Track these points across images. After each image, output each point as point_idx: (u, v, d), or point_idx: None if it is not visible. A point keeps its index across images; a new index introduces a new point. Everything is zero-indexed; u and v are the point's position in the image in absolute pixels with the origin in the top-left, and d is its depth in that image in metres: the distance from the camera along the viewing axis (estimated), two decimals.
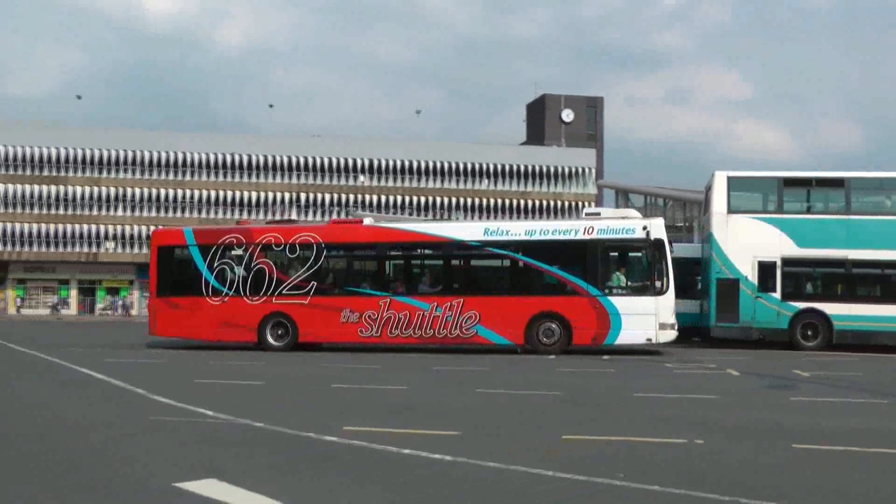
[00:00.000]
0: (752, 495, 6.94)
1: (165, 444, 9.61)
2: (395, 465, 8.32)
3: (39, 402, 13.65)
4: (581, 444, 9.67)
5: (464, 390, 15.80)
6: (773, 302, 27.13)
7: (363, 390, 15.57)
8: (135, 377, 16.61)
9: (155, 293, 27.37)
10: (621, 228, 24.57)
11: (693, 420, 11.56)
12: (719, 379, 18.10)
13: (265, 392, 15.44)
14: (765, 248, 27.14)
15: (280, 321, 25.81)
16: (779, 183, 28.01)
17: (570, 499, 6.98)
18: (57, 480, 7.66)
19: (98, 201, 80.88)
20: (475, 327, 24.69)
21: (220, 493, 7.04)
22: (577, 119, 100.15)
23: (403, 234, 26.97)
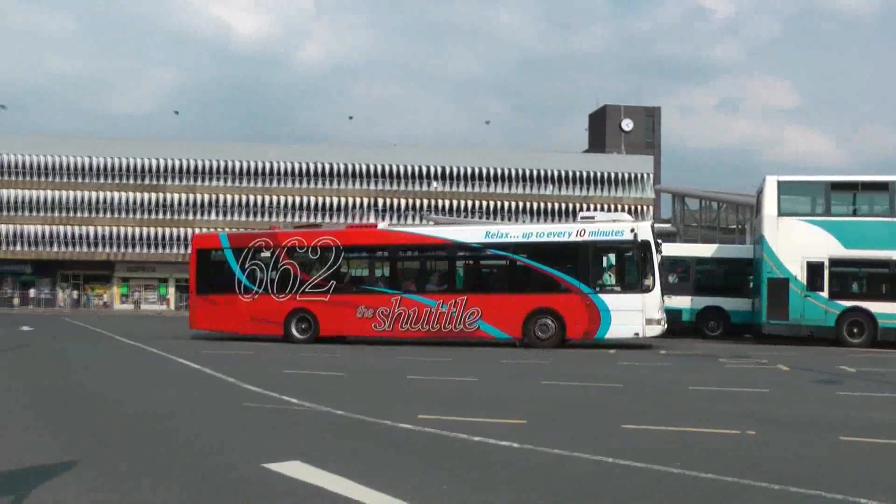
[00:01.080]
0: (801, 485, 6.84)
1: (255, 428, 9.71)
2: (465, 451, 8.33)
3: (143, 389, 13.88)
4: (639, 433, 9.61)
5: (530, 382, 15.78)
6: (821, 301, 26.71)
7: (436, 381, 15.59)
8: (227, 368, 16.83)
9: (194, 291, 28.34)
10: (611, 231, 24.80)
11: (745, 412, 11.42)
12: (770, 374, 17.86)
13: (346, 382, 15.53)
14: (813, 249, 26.74)
15: (303, 316, 26.51)
16: (827, 187, 27.59)
17: (630, 485, 6.94)
18: (157, 459, 7.79)
19: (193, 207, 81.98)
20: (477, 322, 25.08)
21: (304, 474, 7.11)
22: (636, 128, 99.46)
23: (412, 237, 27.73)
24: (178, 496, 6.46)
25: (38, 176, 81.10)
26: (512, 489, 6.70)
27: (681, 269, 31.04)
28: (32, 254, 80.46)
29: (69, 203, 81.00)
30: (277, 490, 6.64)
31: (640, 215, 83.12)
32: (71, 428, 9.80)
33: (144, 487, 6.72)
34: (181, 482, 6.88)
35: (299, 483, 6.84)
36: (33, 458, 7.92)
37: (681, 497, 6.58)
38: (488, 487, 6.76)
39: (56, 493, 6.56)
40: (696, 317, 30.49)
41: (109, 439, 8.98)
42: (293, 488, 6.69)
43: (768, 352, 23.56)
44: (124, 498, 6.43)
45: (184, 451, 8.26)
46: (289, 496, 6.47)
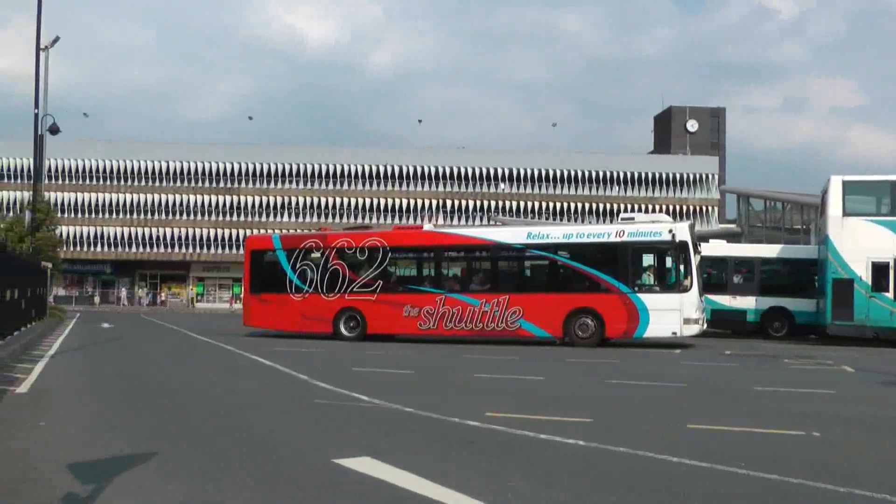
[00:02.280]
0: (866, 487, 6.72)
1: (325, 424, 9.78)
2: (532, 448, 8.32)
3: (218, 385, 14.04)
4: (704, 433, 9.51)
5: (596, 380, 15.72)
6: (887, 301, 26.26)
7: (504, 380, 15.57)
8: (299, 364, 17.01)
9: (248, 290, 29.22)
10: (649, 232, 24.83)
11: (810, 413, 11.24)
12: (835, 375, 17.58)
13: (415, 380, 15.60)
14: (878, 249, 26.32)
15: (352, 315, 26.97)
16: (892, 186, 27.13)
17: (694, 484, 6.88)
18: (231, 452, 7.88)
19: (267, 209, 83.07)
20: (519, 321, 25.24)
21: (374, 469, 7.14)
22: (700, 129, 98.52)
23: (456, 238, 28.17)
24: (251, 488, 6.54)
25: (117, 180, 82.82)
26: (578, 486, 6.68)
27: (745, 270, 30.74)
28: (112, 254, 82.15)
29: (147, 206, 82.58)
30: (347, 484, 6.69)
31: (705, 216, 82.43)
32: (149, 421, 9.96)
33: (218, 479, 6.81)
34: (254, 475, 6.95)
35: (368, 478, 6.88)
36: (114, 449, 8.07)
37: (745, 497, 6.51)
38: (555, 484, 6.74)
39: (135, 483, 6.68)
40: (761, 317, 30.18)
41: (186, 432, 9.11)
42: (362, 483, 6.73)
43: (833, 353, 23.20)
44: (200, 489, 6.52)
45: (257, 445, 8.36)
46: (358, 491, 6.51)
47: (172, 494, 6.38)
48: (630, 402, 12.41)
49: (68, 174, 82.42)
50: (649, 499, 6.39)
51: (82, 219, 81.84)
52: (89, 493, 6.30)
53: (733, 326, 30.73)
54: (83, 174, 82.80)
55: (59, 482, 6.66)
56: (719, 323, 29.70)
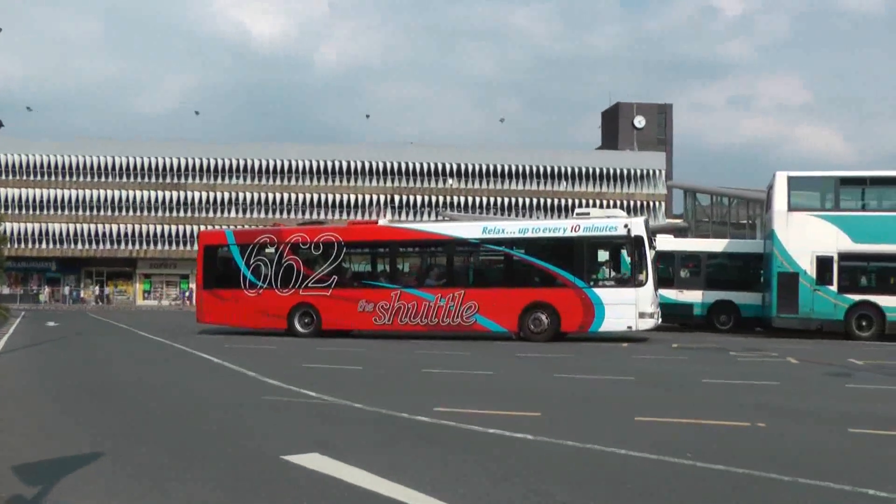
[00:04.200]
0: (811, 476, 6.83)
1: (274, 421, 9.75)
2: (482, 443, 8.34)
3: (165, 383, 13.93)
4: (652, 425, 9.60)
5: (544, 375, 15.78)
6: (830, 294, 26.67)
7: (453, 375, 15.61)
8: (247, 362, 16.92)
9: (202, 286, 28.66)
10: (605, 226, 24.82)
11: (756, 405, 11.39)
12: (780, 367, 17.81)
13: (363, 376, 15.57)
14: (823, 243, 26.70)
15: (306, 311, 26.74)
16: (836, 182, 27.50)
17: (642, 476, 6.95)
18: (179, 451, 7.83)
19: (214, 205, 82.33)
20: (474, 316, 25.09)
21: (323, 465, 7.13)
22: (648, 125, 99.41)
23: (412, 233, 28.13)
24: (200, 486, 6.50)
25: (62, 176, 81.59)
26: (528, 481, 6.71)
27: (692, 264, 31.02)
28: (58, 251, 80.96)
29: (93, 202, 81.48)
30: (297, 481, 6.67)
31: (652, 211, 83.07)
32: (97, 420, 9.86)
33: (167, 479, 6.76)
34: (203, 473, 6.91)
35: (318, 474, 6.86)
36: (61, 449, 7.98)
37: (692, 488, 6.59)
38: (505, 479, 6.77)
39: (82, 484, 6.61)
40: (708, 311, 30.48)
41: (134, 432, 9.03)
42: (312, 480, 6.72)
43: (778, 345, 23.50)
44: (148, 489, 6.47)
45: (205, 444, 8.30)
46: (308, 487, 6.49)
47: (121, 495, 6.33)
48: (578, 396, 12.49)
49: (12, 170, 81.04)
50: (599, 492, 6.44)
51: (26, 215, 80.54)
52: (35, 495, 6.22)
53: (681, 320, 30.99)
54: (27, 169, 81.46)
55: (3, 484, 6.56)
56: (667, 317, 29.88)
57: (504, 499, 6.21)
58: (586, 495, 6.31)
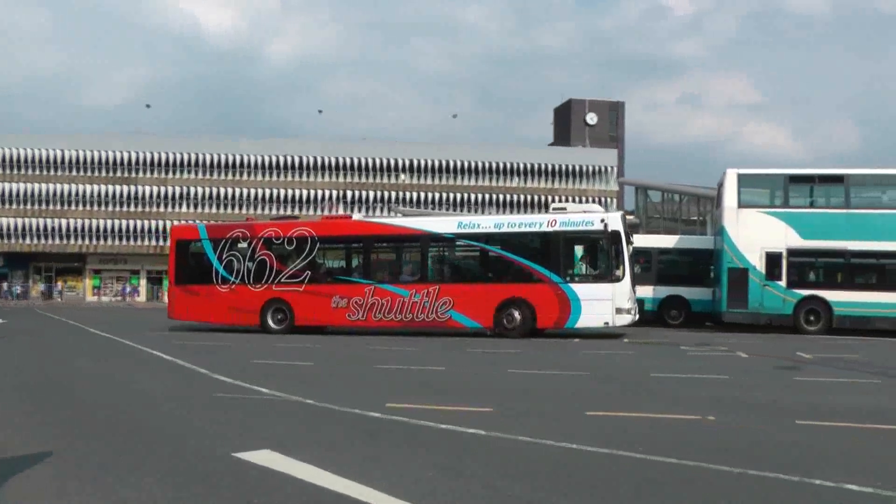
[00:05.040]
0: (759, 467, 6.91)
1: (225, 418, 9.67)
2: (434, 438, 8.34)
3: (115, 381, 13.79)
4: (603, 419, 9.65)
5: (496, 370, 15.80)
6: (779, 289, 27.01)
7: (405, 370, 15.58)
8: (199, 359, 16.76)
9: (173, 281, 28.18)
10: (581, 221, 24.52)
11: (706, 398, 11.51)
12: (730, 360, 17.98)
13: (315, 372, 15.50)
14: (772, 239, 27.05)
15: (279, 307, 26.38)
16: (785, 179, 27.92)
17: (594, 470, 6.98)
18: (128, 450, 7.73)
19: (165, 199, 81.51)
20: (449, 312, 24.85)
21: (275, 462, 7.08)
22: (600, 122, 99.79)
23: (385, 228, 27.80)
24: (151, 485, 6.42)
25: (9, 169, 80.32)
26: (481, 476, 6.71)
27: (643, 260, 31.17)
28: (5, 246, 79.72)
29: (41, 196, 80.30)
30: (248, 479, 6.61)
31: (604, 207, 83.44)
32: (43, 419, 9.72)
33: (116, 478, 6.67)
34: (152, 473, 6.82)
35: (270, 472, 6.81)
36: (6, 449, 7.84)
37: (644, 481, 6.62)
38: (457, 474, 6.76)
39: (30, 485, 6.50)
40: (659, 306, 30.71)
41: (82, 430, 8.90)
42: (264, 477, 6.67)
43: (728, 339, 23.74)
44: (97, 489, 6.38)
45: (156, 442, 8.20)
46: (260, 485, 6.44)
47: (69, 495, 6.22)
48: (530, 391, 12.51)
49: None
50: (551, 486, 6.44)
51: None
52: None
53: None
54: None
55: None
56: None
57: (456, 494, 6.20)
58: (539, 490, 6.31)
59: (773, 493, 6.29)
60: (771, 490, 6.35)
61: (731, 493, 6.27)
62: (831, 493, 6.26)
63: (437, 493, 6.19)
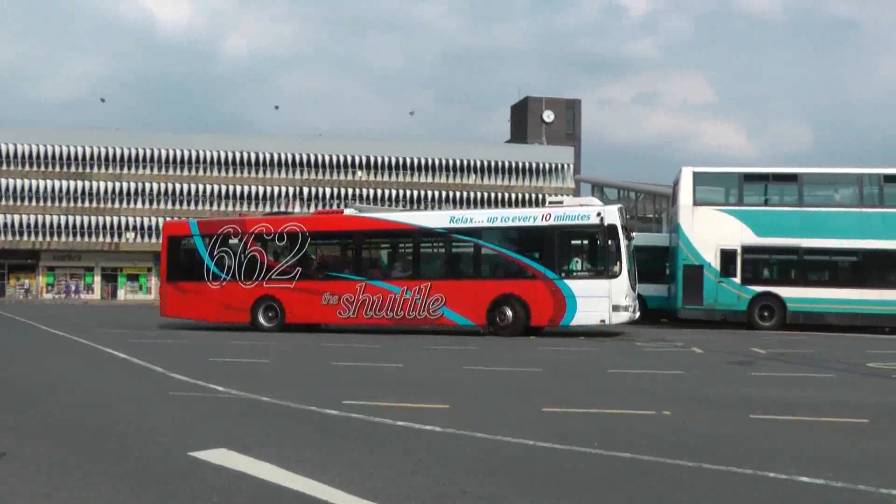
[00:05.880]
0: (714, 461, 6.98)
1: (181, 417, 9.59)
2: (391, 435, 8.32)
3: (69, 380, 13.64)
4: (560, 415, 9.68)
5: (453, 367, 15.80)
6: (734, 286, 27.33)
7: (361, 367, 15.54)
8: (155, 357, 16.58)
9: (165, 278, 27.77)
10: (577, 215, 23.71)
11: (662, 394, 11.59)
12: (685, 356, 18.14)
13: (272, 369, 15.44)
14: (726, 237, 27.35)
15: (270, 304, 25.92)
16: (739, 178, 28.28)
17: (550, 466, 7.00)
18: (83, 450, 7.65)
19: (120, 195, 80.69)
20: (441, 309, 24.27)
21: (231, 461, 7.04)
22: (556, 119, 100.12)
23: (377, 223, 26.73)
24: (107, 486, 6.35)
25: None
26: (439, 472, 6.71)
27: None
28: None
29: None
30: (205, 478, 6.56)
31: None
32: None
33: (71, 479, 6.59)
34: (107, 474, 6.75)
35: (226, 470, 6.77)
36: None
37: (600, 476, 6.65)
38: (413, 471, 6.76)
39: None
40: None
41: (34, 432, 8.77)
42: (220, 476, 6.62)
43: (684, 335, 23.93)
44: (51, 489, 6.30)
45: (111, 442, 8.11)
46: (216, 484, 6.39)
47: (22, 496, 6.14)
48: (487, 388, 12.54)
49: None
50: (508, 483, 6.46)
51: None
52: None
53: None
54: None
55: None
56: None
57: (413, 491, 6.20)
58: (495, 486, 6.33)
59: (727, 486, 6.35)
60: (726, 483, 6.41)
61: (687, 487, 6.31)
62: (784, 484, 6.34)
63: (394, 490, 6.18)
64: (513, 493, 6.15)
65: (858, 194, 27.76)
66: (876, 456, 7.56)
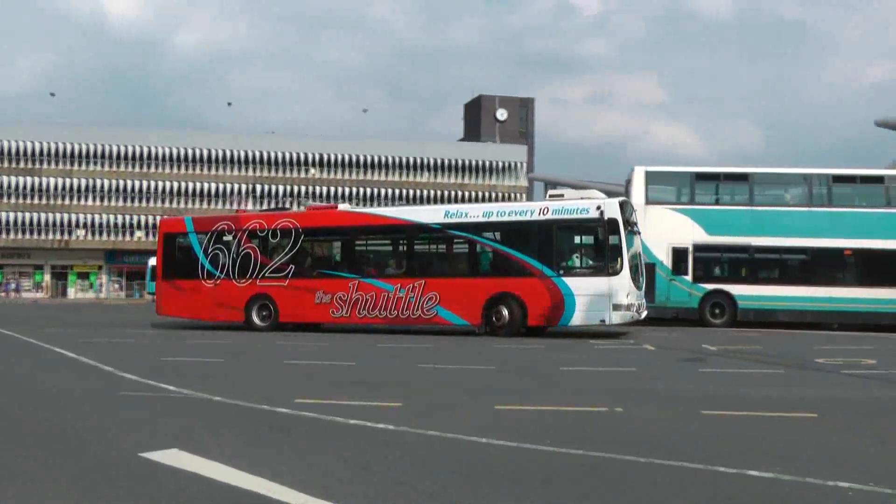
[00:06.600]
0: (665, 456, 7.03)
1: (131, 417, 9.48)
2: (344, 434, 8.29)
3: (18, 379, 13.45)
4: (512, 413, 9.71)
5: (406, 365, 15.78)
6: (685, 284, 27.60)
7: (313, 366, 15.51)
8: (105, 356, 16.38)
9: (161, 276, 27.25)
10: (575, 208, 22.49)
11: (614, 390, 11.66)
12: (637, 353, 18.26)
13: (224, 368, 15.30)
14: (678, 235, 27.62)
15: (264, 303, 25.40)
16: (691, 177, 28.59)
17: (503, 463, 7.01)
18: (32, 452, 7.54)
19: (70, 191, 79.85)
20: (435, 308, 23.44)
21: (183, 461, 6.97)
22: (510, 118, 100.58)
23: (369, 218, 26.37)
24: (56, 487, 6.27)
25: None
26: (393, 471, 6.70)
27: None
28: None
29: None
30: (156, 479, 6.50)
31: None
32: None
33: (17, 481, 6.50)
34: (56, 476, 6.66)
35: (177, 470, 6.70)
36: None
37: (552, 473, 6.68)
38: (366, 470, 6.74)
39: None
40: None
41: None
42: (172, 477, 6.56)
43: (635, 332, 24.04)
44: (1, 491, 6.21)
45: (60, 442, 8.01)
46: (168, 484, 6.34)
47: None
48: (440, 386, 12.54)
49: None
50: (461, 480, 6.46)
51: None
52: None
53: None
54: None
55: None
56: None
57: (366, 489, 6.18)
58: (448, 484, 6.33)
59: (678, 480, 6.39)
60: (677, 478, 6.46)
61: (638, 482, 6.36)
62: (734, 478, 6.40)
63: (347, 489, 6.16)
64: (466, 490, 6.15)
65: (808, 194, 28.18)
66: (824, 449, 7.66)
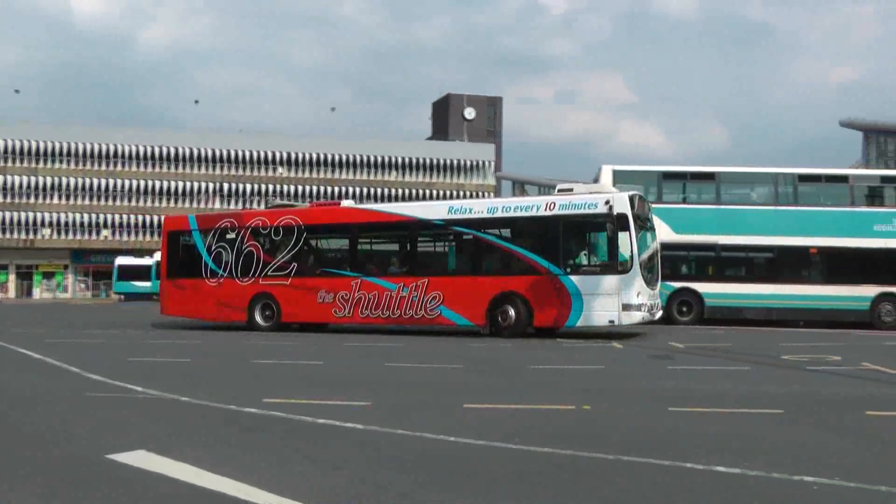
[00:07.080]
0: (633, 453, 7.07)
1: (98, 418, 9.41)
2: (312, 433, 8.27)
3: None
4: (480, 411, 9.72)
5: (375, 364, 15.77)
6: None
7: (281, 365, 15.47)
8: (71, 357, 16.24)
9: (165, 275, 27.08)
10: (583, 203, 21.48)
11: (582, 388, 11.70)
12: (604, 351, 18.33)
13: (191, 368, 15.24)
14: None
15: (267, 302, 24.94)
16: (658, 176, 28.79)
17: (471, 462, 7.02)
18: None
19: (35, 190, 79.15)
20: (439, 308, 22.67)
21: (150, 463, 6.93)
22: (478, 117, 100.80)
23: (371, 215, 25.36)
24: (18, 492, 6.20)
25: None
26: (362, 470, 6.69)
27: None
28: None
29: None
30: (123, 481, 6.45)
31: None
32: None
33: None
34: (19, 479, 6.58)
35: (145, 472, 6.66)
36: None
37: (520, 471, 6.69)
38: (335, 469, 6.73)
39: None
40: None
41: None
42: (139, 478, 6.51)
43: (603, 331, 24.09)
44: None
45: (25, 444, 7.92)
46: (134, 486, 6.29)
47: None
48: (408, 385, 12.54)
49: None
50: (430, 479, 6.47)
51: None
52: None
53: None
54: None
55: None
56: None
57: (334, 489, 6.17)
58: (417, 483, 6.33)
59: (646, 477, 6.43)
60: (644, 474, 6.50)
61: (606, 479, 6.39)
62: (701, 475, 6.45)
63: (315, 488, 6.14)
64: (434, 489, 6.15)
65: (774, 193, 28.45)
66: (790, 445, 7.73)
